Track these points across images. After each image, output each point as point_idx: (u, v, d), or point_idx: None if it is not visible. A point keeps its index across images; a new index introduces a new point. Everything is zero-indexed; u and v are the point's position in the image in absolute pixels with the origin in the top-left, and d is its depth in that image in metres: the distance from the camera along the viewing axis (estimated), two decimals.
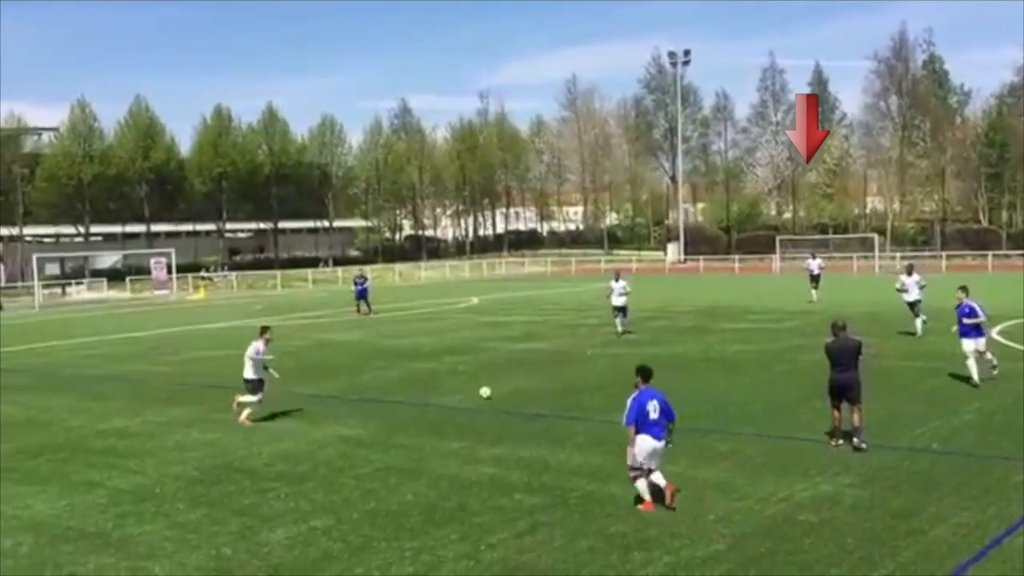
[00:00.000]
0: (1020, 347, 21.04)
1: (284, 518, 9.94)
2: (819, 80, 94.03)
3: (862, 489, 10.22)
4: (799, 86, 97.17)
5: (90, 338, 31.58)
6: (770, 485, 10.47)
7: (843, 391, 12.15)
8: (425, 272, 77.36)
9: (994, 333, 23.53)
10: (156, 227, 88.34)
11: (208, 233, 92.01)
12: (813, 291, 33.97)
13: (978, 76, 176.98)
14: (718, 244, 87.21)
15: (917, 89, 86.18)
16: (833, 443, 12.17)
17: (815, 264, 35.24)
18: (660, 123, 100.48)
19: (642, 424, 9.74)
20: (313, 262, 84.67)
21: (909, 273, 25.22)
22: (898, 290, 24.97)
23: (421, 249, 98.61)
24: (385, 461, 12.30)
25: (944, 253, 69.36)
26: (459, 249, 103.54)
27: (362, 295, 36.95)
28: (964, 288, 16.50)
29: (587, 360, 21.36)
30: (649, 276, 66.34)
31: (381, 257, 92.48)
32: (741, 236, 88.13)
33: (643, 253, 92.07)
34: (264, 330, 15.59)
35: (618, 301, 25.62)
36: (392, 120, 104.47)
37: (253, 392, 15.16)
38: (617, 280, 25.90)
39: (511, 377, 19.04)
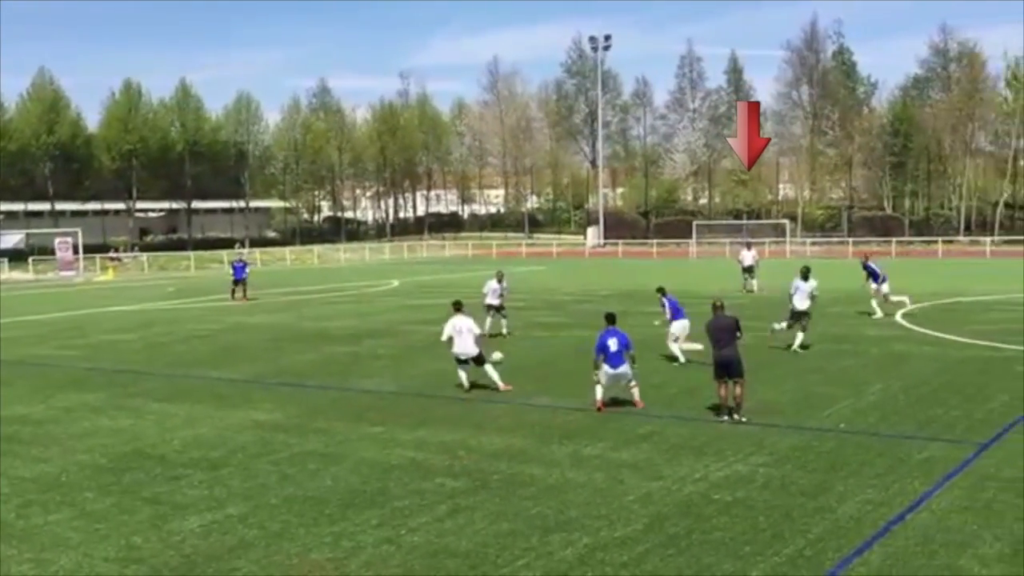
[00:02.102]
0: (922, 330, 21.93)
1: (198, 505, 9.70)
2: (735, 69, 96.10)
3: (774, 468, 10.53)
4: (716, 74, 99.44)
5: None
6: (687, 465, 10.69)
7: (725, 367, 12.66)
8: (344, 254, 76.33)
9: (898, 317, 24.51)
10: (61, 205, 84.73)
11: (117, 212, 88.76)
12: (752, 280, 33.66)
13: (884, 68, 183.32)
14: (637, 229, 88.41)
15: (827, 79, 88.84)
16: (719, 418, 12.70)
17: (749, 255, 34.43)
18: (581, 108, 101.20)
19: (605, 355, 13.18)
20: (228, 243, 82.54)
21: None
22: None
23: (340, 231, 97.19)
24: (303, 446, 12.11)
25: (851, 239, 71.84)
26: (379, 231, 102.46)
27: (239, 279, 35.04)
28: (661, 289, 18.84)
29: (509, 343, 21.42)
30: (569, 260, 66.93)
31: (299, 239, 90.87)
32: (659, 221, 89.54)
33: (563, 237, 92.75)
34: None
35: (494, 301, 22.55)
36: (311, 99, 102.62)
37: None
38: (500, 281, 22.67)
39: (432, 360, 18.93)
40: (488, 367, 15.37)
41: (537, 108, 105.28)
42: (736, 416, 12.60)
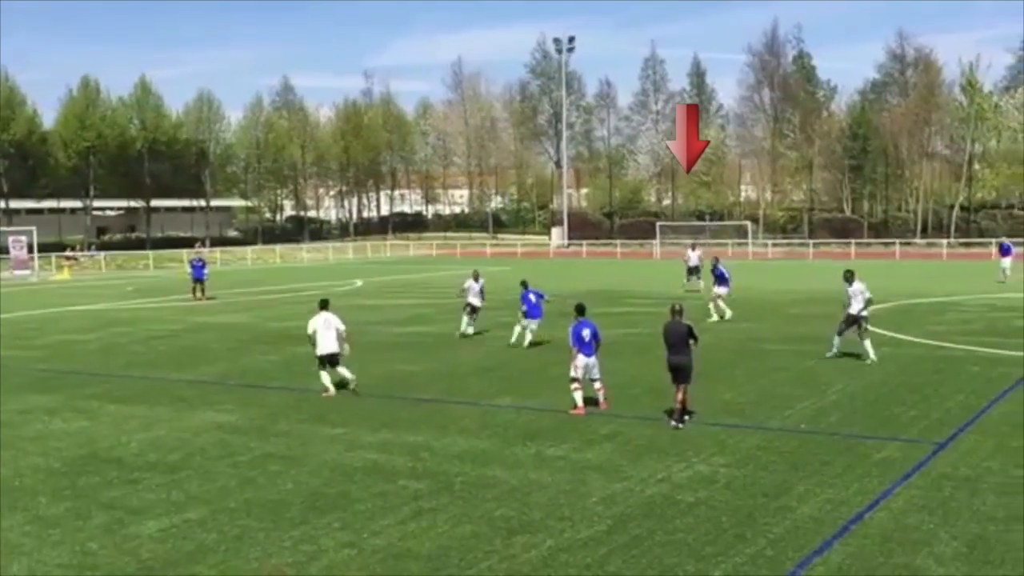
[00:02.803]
0: (881, 331, 22.23)
1: (155, 510, 9.53)
2: (697, 71, 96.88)
3: (736, 469, 10.60)
4: (679, 77, 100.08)
5: None
6: (650, 466, 10.72)
7: (676, 371, 12.78)
8: (307, 254, 75.63)
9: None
10: (15, 203, 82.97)
11: (74, 211, 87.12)
12: (697, 280, 34.51)
13: (842, 73, 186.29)
14: (601, 229, 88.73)
15: (787, 83, 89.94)
16: (672, 423, 12.63)
17: (694, 256, 35.71)
18: (545, 108, 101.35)
19: (579, 345, 13.53)
20: (188, 242, 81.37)
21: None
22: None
23: (303, 230, 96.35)
24: (264, 448, 11.96)
25: (812, 241, 72.77)
26: (343, 231, 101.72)
27: (199, 278, 35.12)
28: (524, 282, 20.47)
29: (473, 344, 21.38)
30: (533, 260, 66.98)
31: (261, 238, 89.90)
32: (623, 222, 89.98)
33: (528, 237, 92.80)
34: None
35: (475, 301, 22.75)
36: (274, 97, 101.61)
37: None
38: (477, 280, 22.90)
39: (395, 361, 18.85)
40: (342, 368, 15.43)
41: (502, 108, 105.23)
42: (675, 421, 12.63)
